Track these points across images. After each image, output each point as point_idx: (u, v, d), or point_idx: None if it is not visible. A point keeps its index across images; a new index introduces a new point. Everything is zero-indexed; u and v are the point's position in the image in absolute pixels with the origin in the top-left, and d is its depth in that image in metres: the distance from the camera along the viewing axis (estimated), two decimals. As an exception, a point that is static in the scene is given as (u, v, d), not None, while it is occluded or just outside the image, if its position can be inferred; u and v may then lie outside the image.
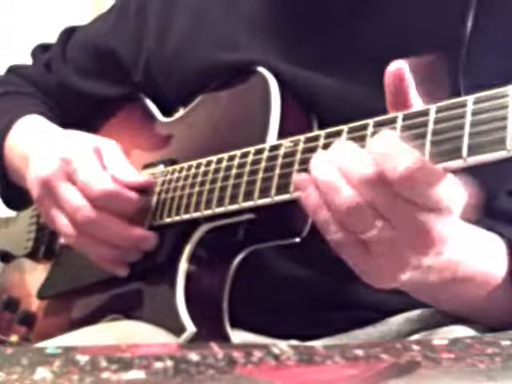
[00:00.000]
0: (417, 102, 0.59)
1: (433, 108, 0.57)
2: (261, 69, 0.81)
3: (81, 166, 0.81)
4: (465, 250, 0.63)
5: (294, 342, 0.78)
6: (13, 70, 1.15)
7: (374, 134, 0.60)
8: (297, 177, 0.61)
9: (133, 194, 0.80)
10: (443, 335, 0.73)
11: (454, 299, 0.67)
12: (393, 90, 0.59)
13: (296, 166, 0.66)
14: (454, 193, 0.54)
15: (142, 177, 0.83)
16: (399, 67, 0.58)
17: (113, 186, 0.79)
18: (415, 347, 0.49)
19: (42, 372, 0.43)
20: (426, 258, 0.57)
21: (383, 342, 0.69)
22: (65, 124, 0.97)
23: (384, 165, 0.54)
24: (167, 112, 0.97)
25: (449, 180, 0.54)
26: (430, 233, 0.55)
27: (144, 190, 0.83)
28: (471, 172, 0.55)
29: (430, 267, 0.59)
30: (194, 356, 0.46)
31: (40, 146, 0.88)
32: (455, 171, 0.55)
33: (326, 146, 0.64)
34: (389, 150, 0.54)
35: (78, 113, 1.07)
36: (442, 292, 0.63)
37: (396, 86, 0.58)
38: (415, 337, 0.76)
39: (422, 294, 0.68)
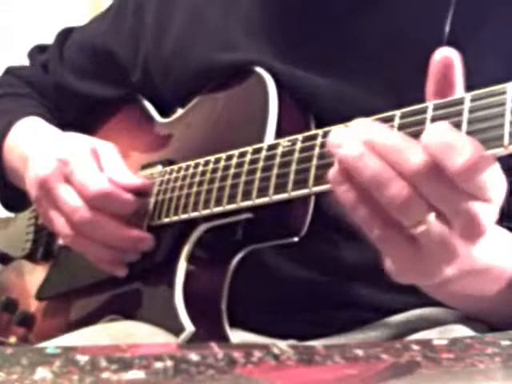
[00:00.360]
0: (460, 91, 0.56)
1: (430, 106, 0.57)
2: (258, 69, 0.81)
3: (78, 166, 0.81)
4: (483, 241, 0.62)
5: (294, 342, 0.78)
6: (10, 72, 1.15)
7: None
8: (333, 171, 0.56)
9: (129, 196, 0.80)
10: (443, 334, 0.73)
11: (466, 294, 0.66)
12: (440, 79, 0.56)
13: (294, 166, 0.66)
14: (497, 181, 0.53)
15: (138, 179, 0.83)
16: (447, 55, 0.55)
17: (109, 187, 0.79)
18: (415, 347, 0.49)
19: (42, 372, 0.43)
20: (475, 248, 0.56)
21: (383, 341, 0.69)
22: (63, 125, 0.97)
23: (444, 155, 0.51)
24: (165, 113, 0.97)
25: (495, 167, 0.52)
26: (481, 223, 0.53)
27: (141, 191, 0.83)
28: None
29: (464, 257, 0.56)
30: (193, 356, 0.46)
31: (38, 147, 0.88)
32: None
33: (323, 145, 0.64)
34: (448, 139, 0.51)
35: (75, 114, 1.07)
36: (456, 285, 0.61)
37: (444, 74, 0.55)
38: (415, 337, 0.76)
39: (436, 289, 0.65)
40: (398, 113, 0.59)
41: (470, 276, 0.60)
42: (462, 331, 0.72)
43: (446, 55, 0.55)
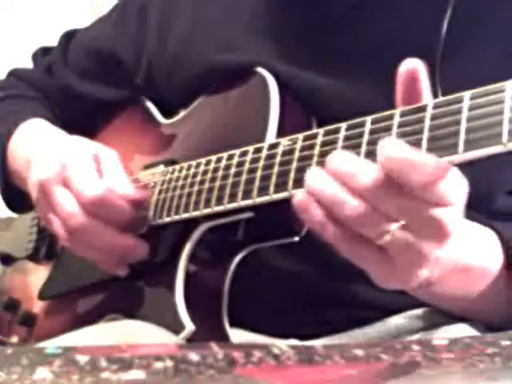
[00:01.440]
0: (428, 98, 0.58)
1: (430, 104, 0.57)
2: (260, 69, 0.81)
3: (76, 171, 0.81)
4: (463, 242, 0.63)
5: (294, 342, 0.78)
6: (14, 74, 1.15)
7: (371, 131, 0.60)
8: (297, 198, 0.59)
9: (125, 204, 0.80)
10: (443, 334, 0.73)
11: (451, 295, 0.67)
12: (405, 89, 0.58)
13: (294, 164, 0.66)
14: (457, 185, 0.53)
15: (135, 190, 0.83)
16: (413, 66, 0.57)
17: (105, 194, 0.79)
18: (415, 347, 0.49)
19: (42, 372, 0.43)
20: (442, 250, 0.57)
21: (383, 341, 0.69)
22: (66, 127, 0.97)
23: (402, 173, 0.52)
24: (168, 113, 0.97)
25: (453, 172, 0.53)
26: (445, 226, 0.55)
27: (137, 203, 0.83)
28: (470, 171, 0.55)
29: (438, 260, 0.58)
30: (194, 356, 0.46)
31: (42, 149, 0.88)
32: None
33: (323, 144, 0.64)
34: (404, 156, 0.52)
35: (79, 115, 1.07)
36: (440, 286, 0.62)
37: (409, 85, 0.58)
38: (415, 337, 0.76)
39: (422, 292, 0.66)
40: (397, 111, 0.59)
41: (452, 277, 0.61)
42: (461, 330, 0.72)
43: (411, 66, 0.57)
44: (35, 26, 1.85)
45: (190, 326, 0.74)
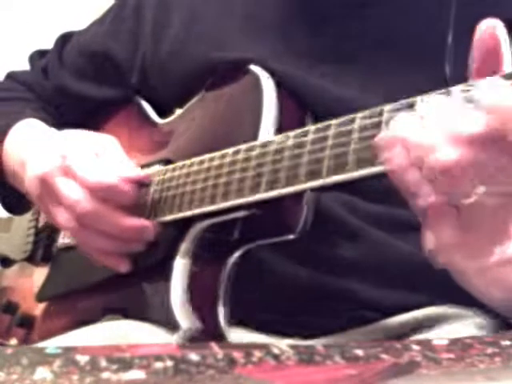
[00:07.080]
0: (508, 68, 0.52)
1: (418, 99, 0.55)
2: (253, 67, 0.81)
3: (77, 159, 0.81)
4: None
5: (294, 342, 0.77)
6: (11, 76, 1.15)
7: (361, 127, 0.59)
8: (382, 137, 0.53)
9: (129, 186, 0.80)
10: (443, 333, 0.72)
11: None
12: (483, 54, 0.52)
13: (286, 163, 0.66)
14: None
15: (138, 171, 0.83)
16: (492, 25, 0.51)
17: (109, 178, 0.79)
18: (415, 347, 0.49)
19: (42, 372, 0.43)
20: None
21: (383, 341, 0.69)
22: (63, 128, 0.97)
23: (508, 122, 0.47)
24: (163, 113, 0.97)
25: None
26: None
27: (142, 184, 0.83)
28: None
29: None
30: (193, 356, 0.46)
31: (36, 148, 0.88)
32: None
33: (314, 142, 0.64)
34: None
35: (75, 116, 1.07)
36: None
37: (488, 48, 0.52)
38: (419, 336, 0.75)
39: (481, 274, 0.58)
40: (387, 107, 0.58)
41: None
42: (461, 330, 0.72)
43: (490, 25, 0.52)
44: (35, 26, 1.85)
45: (185, 326, 0.74)
